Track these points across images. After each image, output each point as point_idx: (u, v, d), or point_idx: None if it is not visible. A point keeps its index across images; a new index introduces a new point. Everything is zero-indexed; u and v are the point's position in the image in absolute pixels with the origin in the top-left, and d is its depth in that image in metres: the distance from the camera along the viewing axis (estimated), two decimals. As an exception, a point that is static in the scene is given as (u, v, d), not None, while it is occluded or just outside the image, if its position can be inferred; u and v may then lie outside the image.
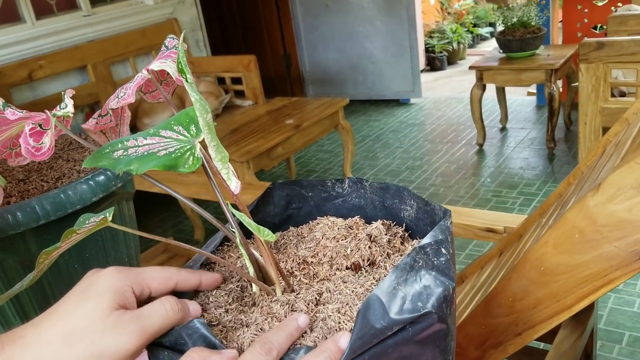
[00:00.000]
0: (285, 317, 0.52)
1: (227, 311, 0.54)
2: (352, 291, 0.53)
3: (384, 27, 4.32)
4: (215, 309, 0.54)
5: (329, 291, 0.55)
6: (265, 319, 0.52)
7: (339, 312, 0.50)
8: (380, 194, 0.66)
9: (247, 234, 0.59)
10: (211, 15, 4.87)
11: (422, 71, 4.78)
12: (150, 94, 0.68)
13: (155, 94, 0.68)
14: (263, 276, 0.60)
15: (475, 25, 6.08)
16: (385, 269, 0.57)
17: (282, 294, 0.56)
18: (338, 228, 0.63)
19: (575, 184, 1.17)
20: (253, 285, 0.58)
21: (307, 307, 0.53)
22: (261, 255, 0.60)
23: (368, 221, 0.65)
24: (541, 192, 2.86)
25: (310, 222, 0.68)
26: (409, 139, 3.85)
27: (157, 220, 3.19)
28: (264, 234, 0.54)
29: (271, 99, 3.45)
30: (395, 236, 0.62)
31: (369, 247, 0.59)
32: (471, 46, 6.06)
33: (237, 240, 0.57)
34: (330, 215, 0.68)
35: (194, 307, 0.53)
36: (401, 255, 0.60)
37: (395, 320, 0.46)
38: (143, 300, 0.48)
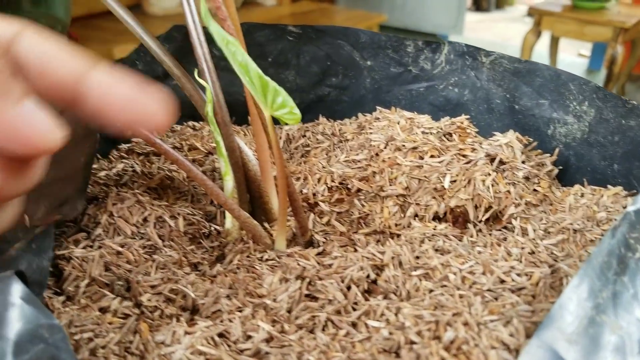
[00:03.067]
0: (290, 312, 0.21)
1: (157, 264, 0.23)
2: (464, 278, 0.22)
3: (438, -53, 3.78)
4: (129, 247, 0.23)
5: (401, 265, 0.23)
6: (232, 313, 0.20)
7: (438, 341, 0.18)
8: (511, 85, 0.33)
9: (238, 113, 0.27)
10: None
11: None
12: None
13: None
14: (252, 201, 0.28)
15: (532, -29, 5.49)
16: (526, 235, 0.26)
17: (288, 248, 0.25)
18: (423, 132, 0.31)
19: None
20: (226, 216, 0.27)
21: (347, 297, 0.21)
22: (256, 156, 0.28)
23: (482, 132, 0.33)
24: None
25: (361, 115, 0.36)
26: (441, 79, 3.44)
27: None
28: (273, 103, 0.21)
29: (298, 2, 3.02)
30: (539, 170, 0.30)
31: (493, 180, 0.27)
32: (523, -6, 5.49)
33: (208, 108, 0.25)
34: (401, 109, 0.36)
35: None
36: (551, 211, 0.28)
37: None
38: None
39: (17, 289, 0.15)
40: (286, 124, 0.35)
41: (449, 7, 3.91)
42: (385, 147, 0.30)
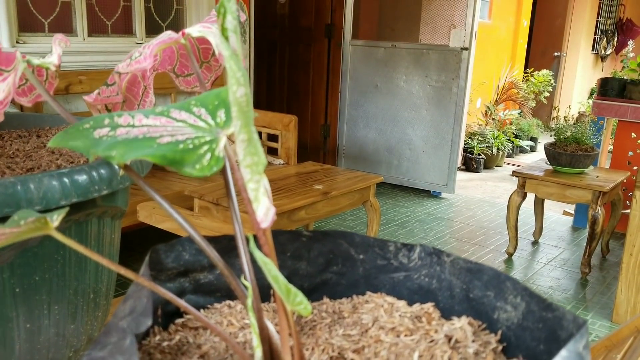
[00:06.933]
0: None
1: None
2: None
3: (429, 117, 4.25)
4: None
5: (381, 420, 0.33)
6: None
7: None
8: (466, 279, 0.44)
9: (262, 294, 0.38)
10: (261, 75, 4.93)
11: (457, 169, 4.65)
12: (184, 77, 0.50)
13: (191, 80, 0.50)
14: (274, 367, 0.38)
15: (516, 137, 6.01)
16: (473, 399, 0.35)
17: (300, 405, 0.34)
18: (400, 315, 0.42)
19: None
20: (256, 378, 0.37)
21: None
22: (278, 333, 0.39)
23: (443, 315, 0.44)
24: (575, 321, 2.56)
25: (355, 297, 0.47)
26: (435, 233, 3.63)
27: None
28: (294, 301, 0.33)
29: (303, 162, 3.31)
30: (485, 347, 0.40)
31: (449, 356, 0.37)
32: (509, 155, 5.96)
33: (249, 301, 0.36)
34: (385, 292, 0.47)
35: None
36: (495, 381, 0.37)
37: None
38: None
39: None
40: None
41: (440, 167, 4.27)
42: (372, 326, 0.41)
